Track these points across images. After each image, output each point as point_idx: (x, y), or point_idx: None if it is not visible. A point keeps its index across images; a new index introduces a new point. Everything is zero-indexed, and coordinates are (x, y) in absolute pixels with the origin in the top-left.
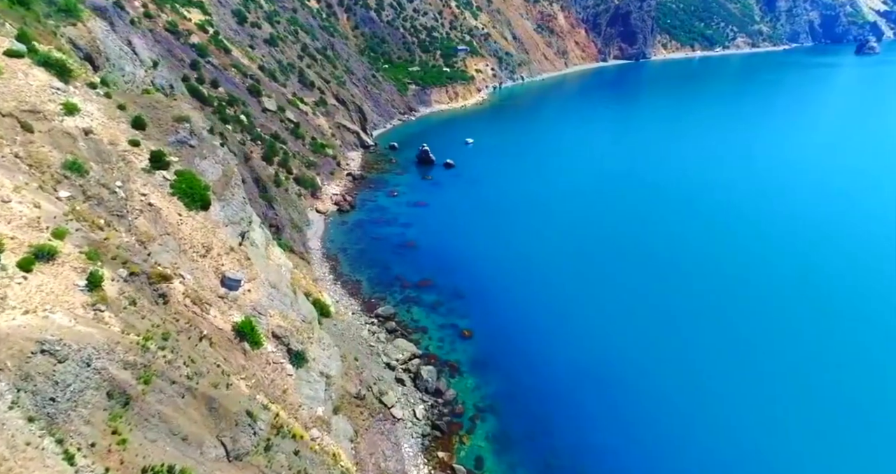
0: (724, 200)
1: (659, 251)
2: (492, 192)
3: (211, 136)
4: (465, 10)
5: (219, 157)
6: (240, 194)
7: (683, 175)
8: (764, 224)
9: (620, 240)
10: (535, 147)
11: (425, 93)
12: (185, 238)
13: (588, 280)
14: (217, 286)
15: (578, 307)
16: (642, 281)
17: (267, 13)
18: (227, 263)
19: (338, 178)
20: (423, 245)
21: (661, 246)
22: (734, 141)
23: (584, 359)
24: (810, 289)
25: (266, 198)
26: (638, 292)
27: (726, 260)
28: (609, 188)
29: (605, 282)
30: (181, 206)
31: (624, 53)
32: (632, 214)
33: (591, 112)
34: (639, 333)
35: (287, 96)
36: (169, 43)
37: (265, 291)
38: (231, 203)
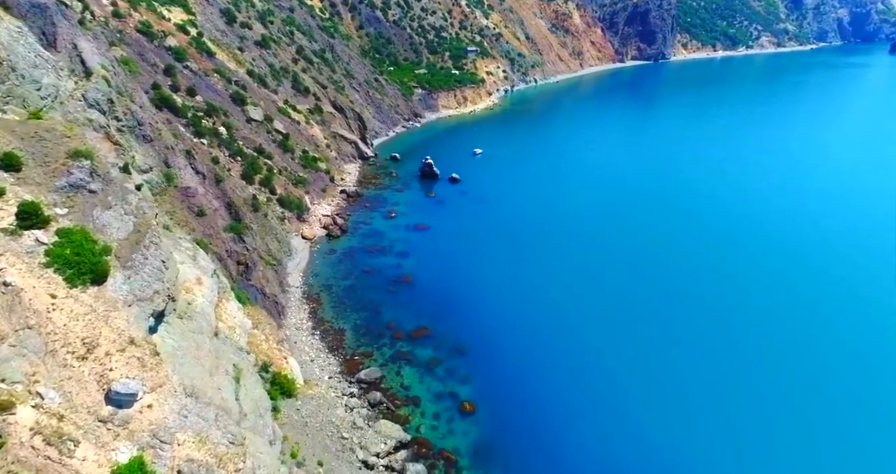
0: (753, 215)
1: (702, 287)
2: (501, 213)
3: (124, 176)
4: (476, 9)
5: (130, 205)
6: (158, 255)
7: (710, 188)
8: (791, 239)
9: (655, 273)
10: (548, 158)
11: (432, 97)
12: (58, 332)
13: (621, 328)
14: (99, 403)
15: (610, 366)
16: (696, 334)
17: (260, 13)
18: (120, 366)
19: (330, 196)
20: (420, 280)
21: (702, 279)
22: (759, 148)
23: (625, 445)
24: (842, 304)
25: (236, 229)
26: (695, 351)
27: (758, 278)
28: (632, 206)
29: (645, 334)
30: (58, 283)
31: (642, 54)
32: (663, 240)
33: (609, 117)
34: (697, 411)
35: (277, 104)
36: (140, 46)
37: (176, 404)
38: (142, 270)
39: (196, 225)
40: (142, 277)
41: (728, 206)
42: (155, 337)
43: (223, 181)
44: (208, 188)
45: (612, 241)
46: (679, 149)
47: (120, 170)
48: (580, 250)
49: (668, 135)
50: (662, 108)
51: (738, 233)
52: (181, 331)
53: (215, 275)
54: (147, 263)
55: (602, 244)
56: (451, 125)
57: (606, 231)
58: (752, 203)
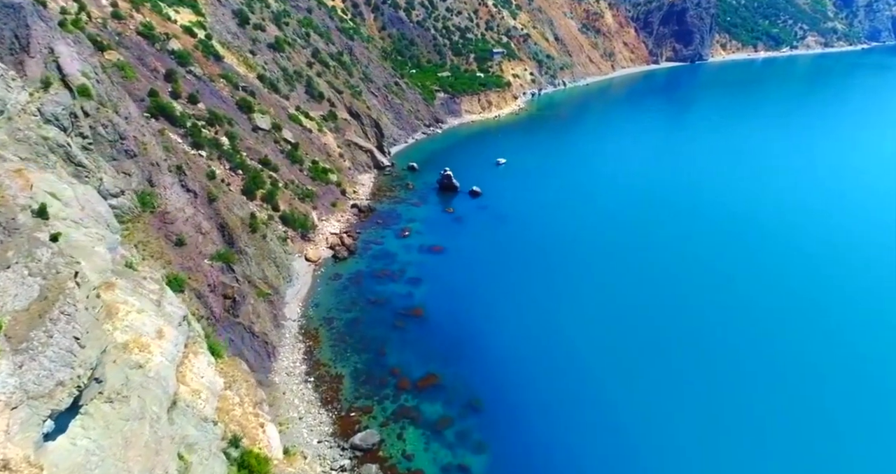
0: (800, 235)
1: (760, 324)
2: (524, 233)
3: (36, 222)
4: (503, 9)
5: (39, 263)
6: (71, 330)
7: (754, 205)
8: (835, 259)
9: (706, 309)
10: (577, 168)
11: (455, 101)
12: None
13: (671, 381)
14: None
15: (663, 432)
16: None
17: (274, 13)
18: None
19: (340, 211)
20: (432, 313)
21: (757, 312)
22: (803, 157)
23: None
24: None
25: (224, 257)
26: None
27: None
28: (670, 224)
29: (702, 391)
30: None
31: (678, 55)
32: (707, 267)
33: (642, 123)
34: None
35: (288, 111)
36: (140, 49)
37: None
38: (42, 355)
39: (173, 256)
40: (40, 364)
41: (774, 226)
42: (52, 446)
43: (216, 200)
44: (199, 208)
45: (650, 267)
46: (718, 159)
47: (33, 215)
48: (614, 280)
49: (705, 143)
50: (699, 113)
51: (784, 255)
52: (106, 423)
53: (185, 323)
54: (52, 344)
55: (639, 271)
56: (475, 131)
57: (644, 255)
58: (798, 221)
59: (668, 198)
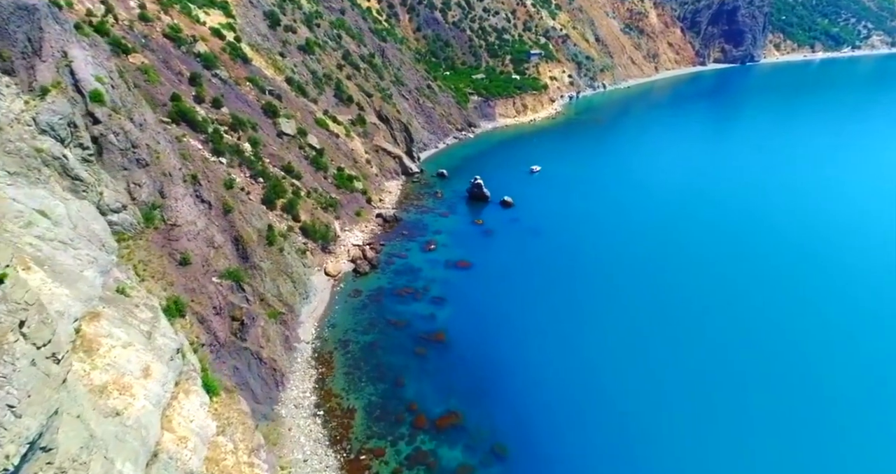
0: (871, 263)
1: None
2: (559, 249)
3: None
4: (542, 9)
5: None
6: (4, 397)
7: (810, 223)
8: None
9: (764, 337)
10: (616, 177)
11: (488, 105)
12: None
13: (727, 421)
14: None
15: None
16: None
17: (306, 15)
18: None
19: (364, 221)
20: (455, 339)
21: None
22: (868, 170)
23: None
24: None
25: (234, 275)
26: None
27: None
28: (719, 240)
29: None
30: None
31: (727, 56)
32: (760, 291)
33: (686, 130)
34: None
35: (316, 115)
36: (165, 52)
37: None
38: None
39: (176, 276)
40: None
41: (836, 254)
42: None
43: (232, 211)
44: (213, 220)
45: (697, 290)
46: (771, 172)
47: None
48: (659, 305)
49: (757, 152)
50: (749, 119)
51: (851, 283)
52: None
53: (178, 357)
54: None
55: (688, 295)
56: (508, 136)
57: (691, 277)
58: (866, 247)
59: (716, 214)
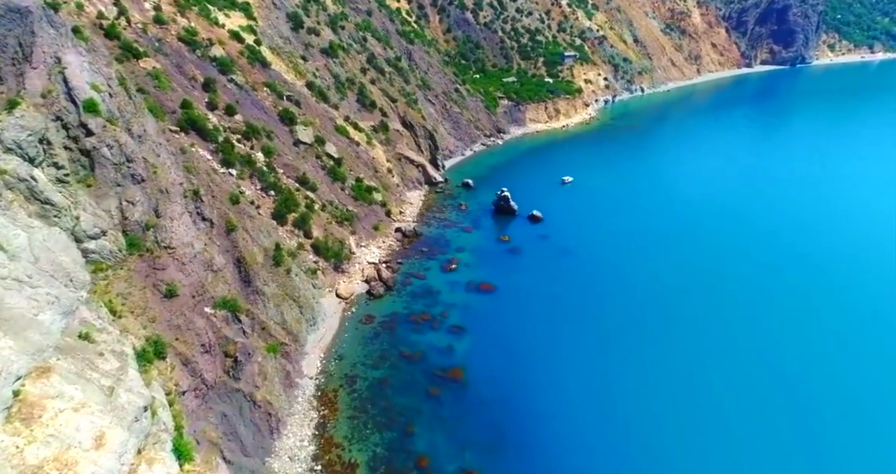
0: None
1: None
2: (593, 270)
3: None
4: (578, 9)
5: None
6: None
7: (865, 242)
8: None
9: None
10: (655, 191)
11: (519, 109)
12: None
13: None
14: None
15: None
16: None
17: (331, 16)
18: None
19: (382, 236)
20: (474, 377)
21: None
22: None
23: None
24: None
25: (230, 305)
26: None
27: None
28: (774, 265)
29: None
30: None
31: (775, 57)
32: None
33: (730, 138)
34: None
35: (336, 121)
36: (179, 56)
37: None
38: None
39: (160, 310)
40: None
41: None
42: None
43: (235, 230)
44: (214, 239)
45: (746, 314)
46: (825, 186)
47: None
48: (707, 336)
49: (808, 164)
50: (799, 127)
51: None
52: None
53: (146, 416)
54: None
55: (739, 325)
56: (539, 143)
57: (743, 303)
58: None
59: (767, 235)
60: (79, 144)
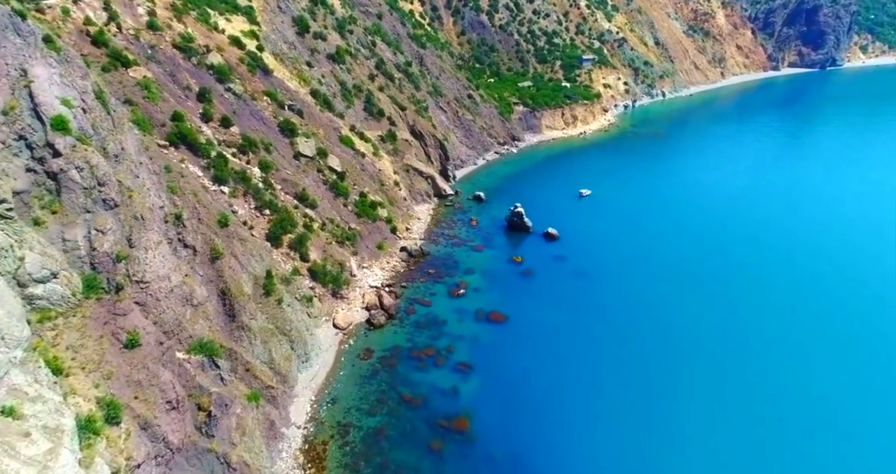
0: None
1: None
2: (613, 297)
3: None
4: (598, 11)
5: None
6: None
7: None
8: None
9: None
10: (680, 205)
11: (534, 116)
12: None
13: None
14: None
15: None
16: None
17: (338, 20)
18: None
19: (386, 255)
20: (482, 428)
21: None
22: None
23: None
24: None
25: (207, 349)
26: None
27: None
28: (810, 289)
29: None
30: None
31: (804, 60)
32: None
33: (757, 146)
34: None
35: (341, 131)
36: (173, 64)
37: None
38: None
39: (118, 364)
40: None
41: None
42: None
43: (221, 257)
44: (197, 268)
45: (785, 353)
46: (864, 198)
47: None
48: (741, 373)
49: (841, 174)
50: (831, 135)
51: None
52: None
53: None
54: None
55: (772, 358)
56: (555, 151)
57: (776, 332)
58: None
59: (804, 254)
60: (45, 166)
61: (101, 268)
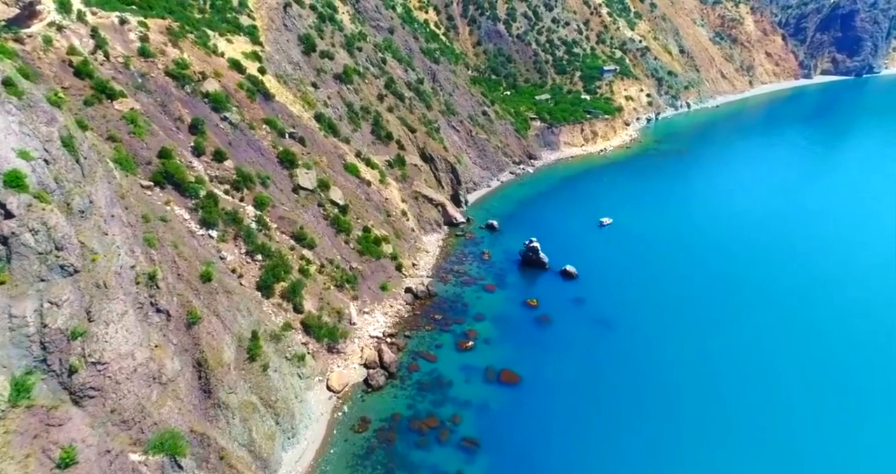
0: None
1: None
2: (641, 354)
3: None
4: (619, 19)
5: None
6: None
7: None
8: None
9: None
10: (711, 237)
11: (552, 132)
12: None
13: None
14: None
15: None
16: None
17: (347, 37)
18: None
19: (390, 297)
20: None
21: None
22: None
23: None
24: None
25: (170, 446)
26: None
27: None
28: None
29: None
30: None
31: (838, 67)
32: None
33: (796, 165)
34: None
35: (345, 158)
36: (165, 93)
37: None
38: None
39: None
40: None
41: None
42: None
43: (198, 322)
44: (170, 336)
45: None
46: None
47: None
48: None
49: (887, 200)
50: (871, 152)
51: None
52: None
53: None
54: None
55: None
56: (574, 171)
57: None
58: None
59: (853, 297)
60: None
61: (52, 347)
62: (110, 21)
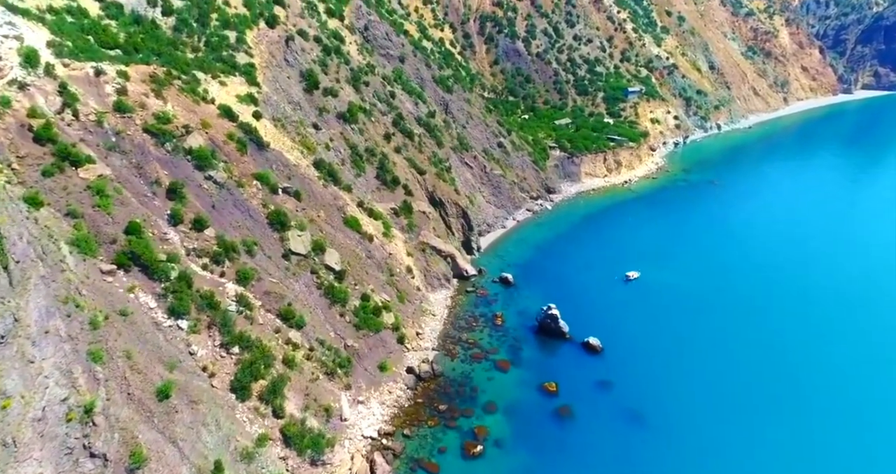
0: None
1: None
2: (685, 461)
3: None
4: (645, 35)
5: None
6: None
7: None
8: None
9: None
10: (750, 288)
11: (573, 162)
12: None
13: None
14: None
15: None
16: None
17: (353, 71)
18: None
19: (388, 380)
20: None
21: None
22: None
23: None
24: None
25: None
26: None
27: None
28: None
29: None
30: None
31: (881, 81)
32: None
33: (838, 200)
34: None
35: (345, 211)
36: (142, 154)
37: None
38: None
39: None
40: None
41: None
42: None
43: (143, 465)
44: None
45: None
46: None
47: None
48: None
49: None
50: None
51: None
52: None
53: None
54: None
55: None
56: (596, 207)
57: None
58: None
59: None
60: None
61: None
62: (84, 72)
